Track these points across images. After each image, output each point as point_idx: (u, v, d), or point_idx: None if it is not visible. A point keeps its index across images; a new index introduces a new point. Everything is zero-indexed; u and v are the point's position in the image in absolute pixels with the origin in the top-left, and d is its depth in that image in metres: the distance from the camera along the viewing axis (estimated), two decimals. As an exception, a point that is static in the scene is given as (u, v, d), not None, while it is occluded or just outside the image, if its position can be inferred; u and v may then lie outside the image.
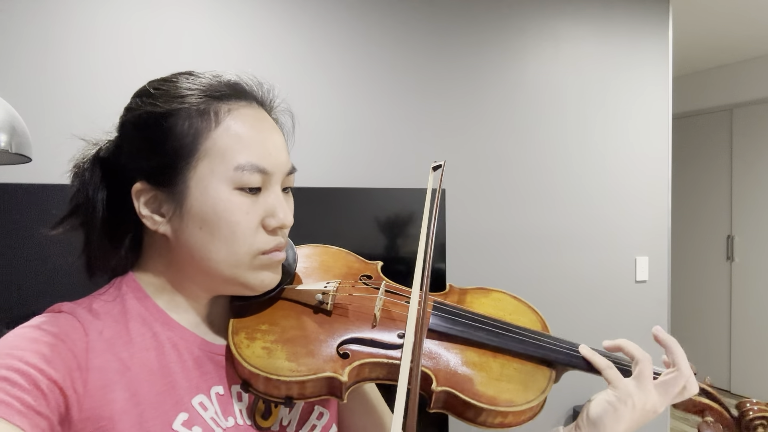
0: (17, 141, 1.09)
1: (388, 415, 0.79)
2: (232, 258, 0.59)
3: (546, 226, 2.37)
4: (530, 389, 0.63)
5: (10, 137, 1.08)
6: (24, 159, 1.16)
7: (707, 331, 4.35)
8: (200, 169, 0.58)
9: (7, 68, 1.54)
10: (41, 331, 0.53)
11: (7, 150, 1.07)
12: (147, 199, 0.60)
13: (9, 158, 1.17)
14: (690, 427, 3.64)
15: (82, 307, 0.58)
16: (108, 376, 0.54)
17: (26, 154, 1.13)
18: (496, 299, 0.76)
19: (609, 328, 2.48)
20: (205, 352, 0.62)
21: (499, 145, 2.28)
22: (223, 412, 0.60)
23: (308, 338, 0.62)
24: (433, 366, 0.63)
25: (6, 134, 1.07)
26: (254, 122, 0.61)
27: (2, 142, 1.06)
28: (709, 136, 4.35)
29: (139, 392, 0.55)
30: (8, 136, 1.08)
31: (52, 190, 1.34)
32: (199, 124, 0.58)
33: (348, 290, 0.69)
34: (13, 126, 1.09)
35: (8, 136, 1.08)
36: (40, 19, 1.58)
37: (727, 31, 3.42)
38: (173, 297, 0.63)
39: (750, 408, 0.70)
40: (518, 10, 2.30)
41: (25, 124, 1.13)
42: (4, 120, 1.08)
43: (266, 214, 0.61)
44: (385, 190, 1.88)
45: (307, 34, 1.93)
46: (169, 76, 0.63)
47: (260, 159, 0.59)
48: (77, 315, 0.57)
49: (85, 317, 0.57)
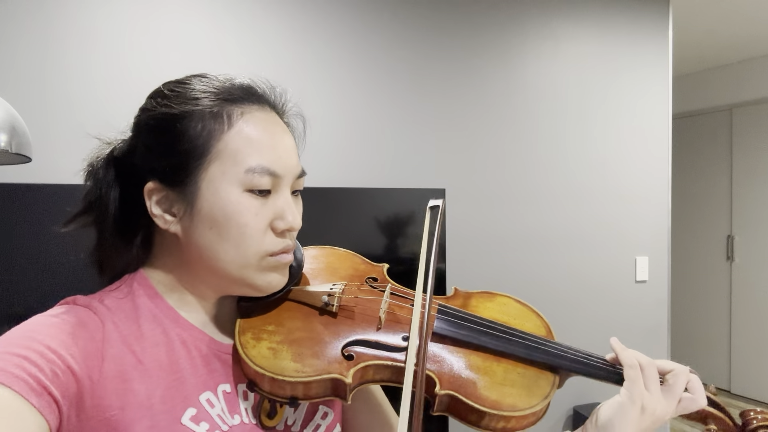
0: (17, 141, 1.10)
1: (393, 415, 0.79)
2: (240, 259, 0.60)
3: (546, 226, 2.37)
4: (533, 394, 0.63)
5: (10, 137, 1.08)
6: (24, 159, 1.16)
7: (707, 331, 4.35)
8: (212, 171, 0.59)
9: (7, 68, 1.54)
10: (59, 319, 0.54)
11: (7, 150, 1.07)
12: (159, 198, 0.61)
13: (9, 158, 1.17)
14: (690, 427, 3.64)
15: (96, 300, 0.59)
16: (122, 368, 0.55)
17: (26, 154, 1.13)
18: (501, 303, 0.76)
19: (609, 328, 2.48)
20: (212, 350, 0.63)
21: (500, 145, 2.28)
22: (229, 410, 0.61)
23: (314, 339, 0.63)
24: (436, 369, 0.63)
25: (6, 134, 1.07)
26: (266, 126, 0.62)
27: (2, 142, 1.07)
28: (709, 136, 4.35)
29: (150, 386, 0.56)
30: (8, 136, 1.08)
31: (52, 190, 1.34)
32: (212, 126, 0.59)
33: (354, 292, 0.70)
34: (13, 126, 1.09)
35: (8, 136, 1.08)
36: (40, 19, 1.58)
37: (727, 31, 3.42)
38: (183, 296, 0.64)
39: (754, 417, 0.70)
40: (518, 10, 2.30)
41: (25, 124, 1.13)
42: (4, 120, 1.08)
43: (275, 217, 0.61)
44: (385, 190, 1.88)
45: (308, 35, 1.93)
46: (183, 78, 0.64)
47: (271, 162, 0.60)
48: (92, 307, 0.58)
49: (100, 309, 0.58)
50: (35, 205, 1.33)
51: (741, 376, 4.15)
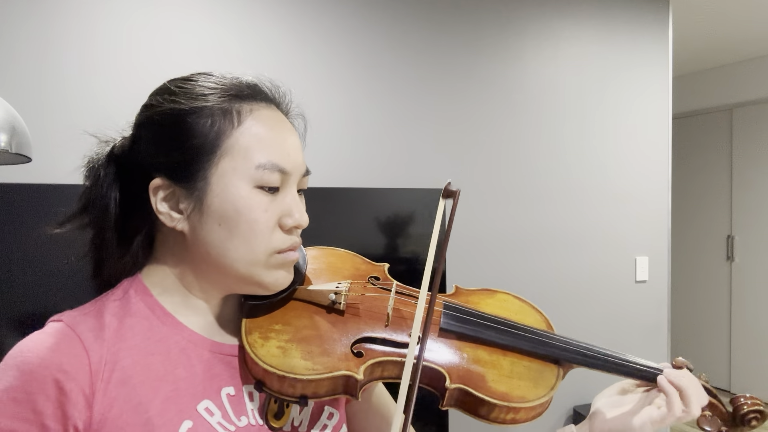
0: (17, 141, 1.09)
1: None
2: (249, 256, 0.60)
3: (546, 226, 2.37)
4: (540, 385, 0.65)
5: (10, 137, 1.08)
6: (24, 159, 1.16)
7: (707, 331, 4.35)
8: (222, 166, 0.59)
9: (7, 68, 1.54)
10: (40, 362, 0.53)
11: (7, 150, 1.07)
12: (165, 195, 0.60)
13: (9, 158, 1.17)
14: (690, 427, 3.64)
15: (83, 315, 0.58)
16: (112, 394, 0.54)
17: (26, 154, 1.13)
18: (501, 300, 0.78)
19: (609, 328, 2.48)
20: (215, 353, 0.62)
21: (499, 145, 2.28)
22: (235, 412, 0.60)
23: (322, 337, 0.63)
24: (445, 364, 0.64)
25: (6, 134, 1.07)
26: (274, 123, 0.62)
27: (2, 142, 1.06)
28: (709, 136, 4.35)
29: (144, 401, 0.55)
30: (8, 136, 1.08)
31: (52, 190, 1.34)
32: (221, 122, 0.59)
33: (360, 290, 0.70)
34: (13, 126, 1.09)
35: (8, 136, 1.08)
36: (39, 19, 1.58)
37: (727, 31, 3.42)
38: (184, 298, 0.63)
39: (744, 402, 0.73)
40: (518, 10, 2.30)
41: (25, 124, 1.13)
42: (4, 120, 1.08)
43: (283, 214, 0.61)
44: (386, 190, 1.88)
45: (308, 34, 1.93)
46: (189, 75, 0.64)
47: (280, 159, 0.60)
48: (78, 330, 0.56)
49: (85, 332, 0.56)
50: (35, 205, 1.33)
51: (741, 375, 4.15)
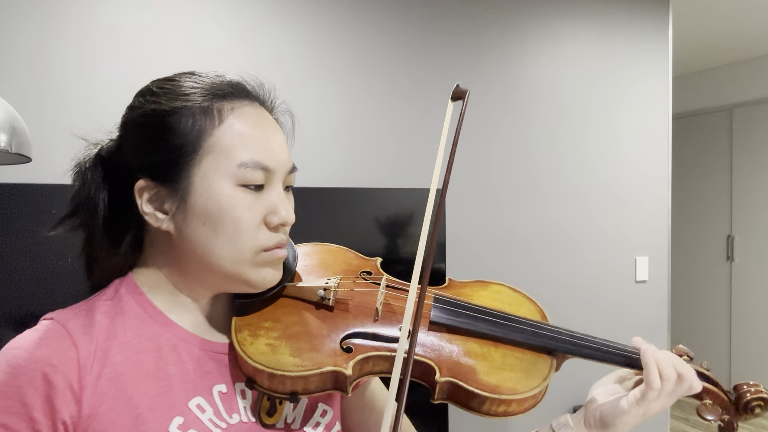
0: (17, 141, 1.09)
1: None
2: (234, 254, 0.60)
3: (545, 226, 2.37)
4: (532, 377, 0.65)
5: (10, 137, 1.08)
6: (24, 159, 1.16)
7: (707, 331, 4.35)
8: (204, 166, 0.59)
9: (7, 68, 1.54)
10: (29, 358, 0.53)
11: (7, 150, 1.07)
12: (150, 196, 0.60)
13: (9, 158, 1.17)
14: (690, 426, 3.64)
15: (74, 313, 0.59)
16: (103, 389, 0.54)
17: (26, 154, 1.13)
18: (494, 291, 0.77)
19: (609, 328, 2.47)
20: (206, 351, 0.62)
21: (499, 144, 2.28)
22: (227, 409, 0.60)
23: (311, 334, 0.63)
24: (435, 357, 0.63)
25: (6, 134, 1.07)
26: (257, 121, 0.62)
27: (2, 142, 1.07)
28: (709, 136, 4.35)
29: (134, 397, 0.55)
30: (8, 136, 1.08)
31: (52, 190, 1.34)
32: (203, 121, 0.59)
33: (349, 286, 0.70)
34: (13, 126, 1.09)
35: (8, 136, 1.08)
36: (39, 19, 1.58)
37: (727, 31, 3.42)
38: (174, 296, 0.63)
39: (747, 390, 0.72)
40: (518, 10, 2.30)
41: (25, 124, 1.14)
42: (4, 120, 1.08)
43: (268, 211, 0.61)
44: (385, 190, 1.88)
45: (307, 35, 1.93)
46: (172, 76, 0.64)
47: (263, 156, 0.60)
48: (68, 327, 0.57)
49: (75, 329, 0.57)
50: (35, 205, 1.33)
51: (741, 375, 4.15)
